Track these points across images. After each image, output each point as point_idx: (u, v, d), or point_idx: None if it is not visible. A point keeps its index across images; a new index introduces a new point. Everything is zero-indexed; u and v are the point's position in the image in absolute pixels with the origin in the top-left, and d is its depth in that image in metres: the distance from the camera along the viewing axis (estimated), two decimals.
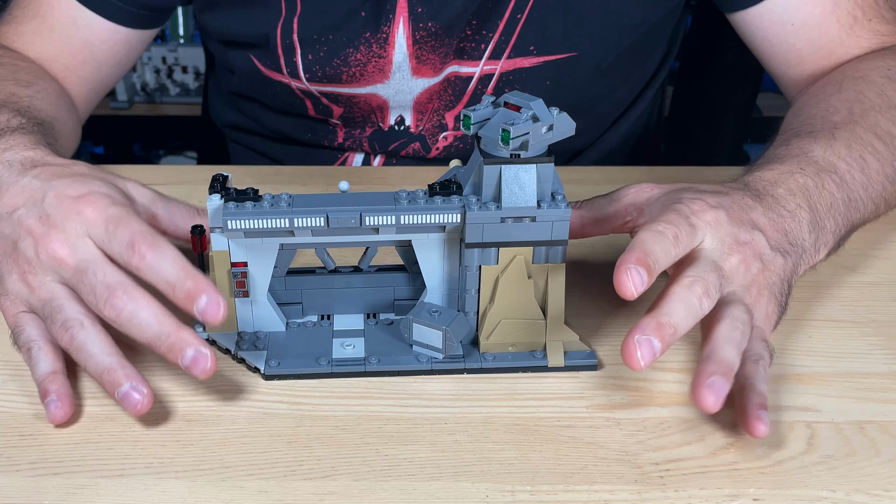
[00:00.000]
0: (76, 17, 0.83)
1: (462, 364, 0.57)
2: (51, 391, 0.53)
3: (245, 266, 0.58)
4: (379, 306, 0.62)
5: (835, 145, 0.65)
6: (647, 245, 0.51)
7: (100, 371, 0.53)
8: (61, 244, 0.54)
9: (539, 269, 0.56)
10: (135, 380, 0.53)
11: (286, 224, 0.55)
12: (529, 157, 0.54)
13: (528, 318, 0.57)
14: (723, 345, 0.51)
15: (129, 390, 0.52)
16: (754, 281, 0.55)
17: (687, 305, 0.51)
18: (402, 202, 0.55)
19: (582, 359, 0.58)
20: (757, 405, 0.50)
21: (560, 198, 0.55)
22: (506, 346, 0.58)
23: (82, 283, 0.54)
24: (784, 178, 0.61)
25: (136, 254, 0.53)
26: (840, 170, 0.63)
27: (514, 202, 0.54)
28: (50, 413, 0.53)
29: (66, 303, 0.55)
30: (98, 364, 0.53)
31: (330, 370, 0.57)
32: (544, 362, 0.57)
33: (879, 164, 0.66)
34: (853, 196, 0.63)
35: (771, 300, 0.56)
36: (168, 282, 0.52)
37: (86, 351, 0.54)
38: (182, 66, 2.19)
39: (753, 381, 0.52)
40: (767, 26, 0.80)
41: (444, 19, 0.80)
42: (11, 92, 0.73)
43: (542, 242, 0.55)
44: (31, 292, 0.56)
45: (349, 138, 0.92)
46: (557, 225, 0.55)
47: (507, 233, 0.55)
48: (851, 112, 0.69)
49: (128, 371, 0.53)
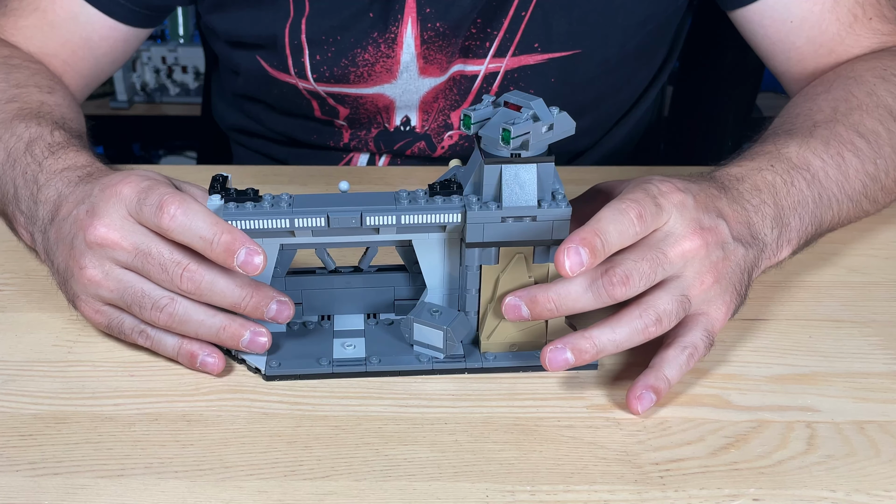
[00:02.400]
0: (77, 13, 0.83)
1: (463, 364, 0.57)
2: (196, 351, 0.56)
3: None
4: (379, 306, 0.62)
5: (811, 142, 0.65)
6: (601, 224, 0.52)
7: (216, 332, 0.55)
8: (108, 228, 0.55)
9: (539, 268, 0.56)
10: (250, 325, 0.56)
11: (287, 224, 0.55)
12: (530, 157, 0.54)
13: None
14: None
15: (252, 336, 0.56)
16: (713, 267, 0.55)
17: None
18: (402, 202, 0.55)
19: None
20: (648, 385, 0.54)
21: (560, 197, 0.55)
22: (506, 346, 0.58)
23: (149, 264, 0.54)
24: (751, 175, 0.61)
25: (165, 214, 0.53)
26: (813, 167, 0.63)
27: (515, 202, 0.54)
28: (209, 366, 0.56)
29: (145, 286, 0.55)
30: (211, 326, 0.55)
31: (331, 370, 0.57)
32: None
33: (860, 162, 0.66)
34: (825, 194, 0.63)
35: (728, 289, 0.56)
36: (203, 237, 0.53)
37: (192, 320, 0.55)
38: (182, 66, 2.19)
39: (662, 364, 0.54)
40: (767, 24, 0.80)
41: (451, 19, 0.80)
42: (41, 101, 0.74)
43: (543, 242, 0.55)
44: (100, 286, 0.56)
45: (354, 139, 0.92)
46: (558, 224, 0.55)
47: (508, 232, 0.55)
48: (835, 111, 0.69)
49: (240, 320, 0.56)
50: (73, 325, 0.62)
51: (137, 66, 2.19)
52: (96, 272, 0.55)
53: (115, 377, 0.57)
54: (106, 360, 0.59)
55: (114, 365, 0.58)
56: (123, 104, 2.17)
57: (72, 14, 0.83)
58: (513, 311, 0.54)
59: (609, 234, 0.52)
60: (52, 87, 0.78)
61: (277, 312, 0.55)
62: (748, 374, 0.58)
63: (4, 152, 0.66)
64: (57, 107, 0.74)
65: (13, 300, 0.65)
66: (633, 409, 0.54)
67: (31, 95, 0.74)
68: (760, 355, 0.59)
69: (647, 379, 0.54)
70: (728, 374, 0.58)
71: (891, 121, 0.69)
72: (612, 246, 0.52)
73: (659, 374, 0.54)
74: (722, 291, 0.56)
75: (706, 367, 0.58)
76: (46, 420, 0.53)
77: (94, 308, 0.57)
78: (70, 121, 0.72)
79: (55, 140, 0.66)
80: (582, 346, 0.53)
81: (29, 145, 0.65)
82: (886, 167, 0.67)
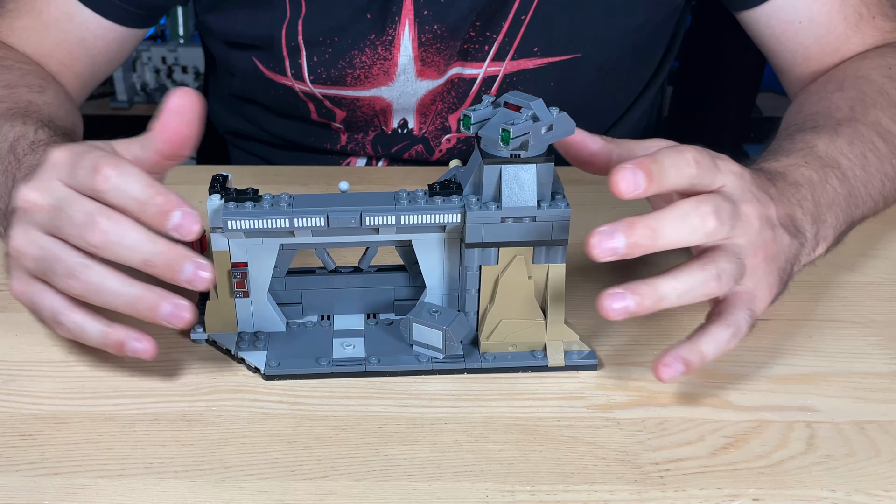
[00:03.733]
0: (72, 13, 0.83)
1: (462, 364, 0.57)
2: (122, 338, 0.52)
3: (245, 266, 0.58)
4: (379, 306, 0.62)
5: (838, 141, 0.65)
6: (658, 155, 0.50)
7: (131, 302, 0.51)
8: (31, 190, 0.52)
9: (539, 269, 0.56)
10: (169, 296, 0.51)
11: (286, 224, 0.55)
12: (529, 157, 0.54)
13: (528, 319, 0.57)
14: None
15: (173, 309, 0.51)
16: (764, 245, 0.54)
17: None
18: (402, 202, 0.55)
19: (582, 359, 0.58)
20: (680, 355, 0.51)
21: (560, 197, 0.55)
22: (506, 346, 0.58)
23: (60, 220, 0.51)
24: (790, 170, 0.60)
25: (99, 175, 0.50)
26: (843, 166, 0.63)
27: (514, 202, 0.54)
28: (140, 352, 0.52)
29: (59, 250, 0.51)
30: (125, 296, 0.51)
31: (330, 370, 0.57)
32: (544, 362, 0.57)
33: (879, 162, 0.66)
34: (854, 192, 0.63)
35: (775, 272, 0.55)
36: (137, 199, 0.50)
37: (105, 289, 0.51)
38: (182, 66, 2.19)
39: (701, 338, 0.52)
40: (775, 24, 0.80)
41: (449, 21, 0.80)
42: (29, 100, 0.73)
43: (543, 242, 0.55)
44: (23, 255, 0.53)
45: (352, 142, 0.92)
46: (557, 224, 0.55)
47: (507, 233, 0.55)
48: (853, 110, 0.69)
49: (157, 291, 0.51)
50: None
51: (137, 66, 2.19)
52: (21, 240, 0.52)
53: (115, 377, 0.57)
54: (106, 360, 0.59)
55: (114, 365, 0.58)
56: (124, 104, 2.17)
57: (66, 15, 0.83)
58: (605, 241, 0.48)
59: (665, 166, 0.49)
60: (42, 86, 0.77)
61: (194, 275, 0.50)
62: (748, 374, 0.58)
63: None
64: (46, 105, 0.73)
65: (13, 300, 0.65)
66: (658, 375, 0.51)
67: (21, 96, 0.73)
68: (760, 355, 0.59)
69: (682, 349, 0.51)
70: (728, 374, 0.58)
71: None
72: (667, 178, 0.49)
73: (695, 348, 0.51)
74: (769, 273, 0.54)
75: (706, 367, 0.58)
76: (46, 420, 0.53)
77: (20, 285, 0.54)
78: (58, 119, 0.72)
79: (38, 138, 0.65)
80: (642, 290, 0.50)
81: (12, 145, 0.65)
82: None
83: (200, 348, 0.60)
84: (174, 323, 0.51)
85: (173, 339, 0.60)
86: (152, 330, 0.53)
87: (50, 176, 0.52)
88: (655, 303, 0.50)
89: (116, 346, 0.53)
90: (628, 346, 0.60)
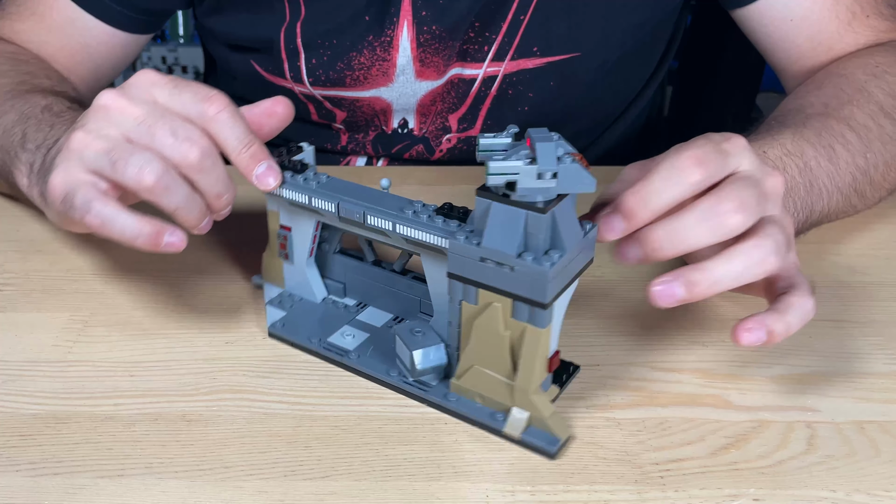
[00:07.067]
0: (74, 18, 0.83)
1: (423, 393, 0.55)
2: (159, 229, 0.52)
3: (289, 230, 0.59)
4: (407, 312, 0.61)
5: (804, 132, 0.65)
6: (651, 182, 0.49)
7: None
8: (120, 95, 0.53)
9: (516, 325, 0.50)
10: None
11: (305, 201, 0.56)
12: (520, 201, 0.47)
13: (499, 374, 0.52)
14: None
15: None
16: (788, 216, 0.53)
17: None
18: (406, 212, 0.53)
19: (541, 440, 0.51)
20: (765, 323, 0.49)
21: (548, 258, 0.47)
22: (474, 395, 0.53)
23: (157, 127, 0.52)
24: None
25: (212, 105, 0.52)
26: (806, 155, 0.63)
27: (494, 244, 0.48)
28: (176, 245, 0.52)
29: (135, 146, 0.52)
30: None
31: (317, 350, 0.58)
32: (501, 426, 0.52)
33: (850, 155, 0.66)
34: (816, 183, 0.63)
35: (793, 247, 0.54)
36: (239, 139, 0.53)
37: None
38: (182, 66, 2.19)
39: (787, 309, 0.50)
40: (767, 22, 0.81)
41: (448, 22, 0.80)
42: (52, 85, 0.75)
43: (519, 297, 0.49)
44: (86, 146, 0.52)
45: (352, 142, 0.92)
46: (535, 282, 0.48)
47: (486, 274, 0.49)
48: (827, 106, 0.69)
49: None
50: (73, 325, 0.62)
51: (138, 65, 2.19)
52: (89, 135, 0.52)
53: (115, 377, 0.57)
54: (106, 360, 0.59)
55: (114, 365, 0.58)
56: None
57: (68, 19, 0.83)
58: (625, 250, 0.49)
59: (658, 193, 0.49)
60: (61, 79, 0.79)
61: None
62: (748, 374, 0.58)
63: (17, 113, 0.66)
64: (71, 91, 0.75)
65: (13, 300, 0.65)
66: (737, 338, 0.49)
67: (42, 82, 0.75)
68: (760, 355, 0.59)
69: (769, 318, 0.49)
70: (728, 374, 0.57)
71: (881, 116, 0.69)
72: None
73: (784, 318, 0.49)
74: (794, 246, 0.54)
75: (706, 367, 0.58)
76: (46, 420, 0.53)
77: (64, 175, 0.53)
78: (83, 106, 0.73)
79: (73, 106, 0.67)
80: (694, 277, 0.48)
81: (45, 108, 0.66)
82: (876, 162, 0.67)
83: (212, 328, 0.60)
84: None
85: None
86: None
87: (144, 89, 0.54)
88: (709, 287, 0.48)
89: (151, 236, 0.52)
90: (628, 347, 0.60)
